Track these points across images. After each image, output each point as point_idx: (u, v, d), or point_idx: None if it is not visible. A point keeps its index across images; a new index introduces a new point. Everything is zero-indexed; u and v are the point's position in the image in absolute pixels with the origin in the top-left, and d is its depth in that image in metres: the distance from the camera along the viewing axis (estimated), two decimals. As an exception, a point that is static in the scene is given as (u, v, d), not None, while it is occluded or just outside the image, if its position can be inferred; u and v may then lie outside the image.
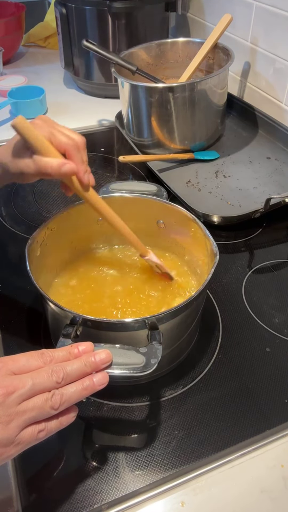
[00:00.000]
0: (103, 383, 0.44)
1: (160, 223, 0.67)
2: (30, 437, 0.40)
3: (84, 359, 0.43)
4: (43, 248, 0.60)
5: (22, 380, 0.40)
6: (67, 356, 0.44)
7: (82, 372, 0.43)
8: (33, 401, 0.40)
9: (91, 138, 1.13)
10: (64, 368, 0.42)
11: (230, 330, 0.66)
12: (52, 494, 0.49)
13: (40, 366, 0.42)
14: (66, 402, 0.41)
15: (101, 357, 0.44)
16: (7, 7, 1.52)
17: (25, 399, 0.40)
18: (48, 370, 0.41)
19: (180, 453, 0.52)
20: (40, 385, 0.40)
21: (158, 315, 0.49)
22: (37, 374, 0.41)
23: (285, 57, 1.00)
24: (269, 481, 0.50)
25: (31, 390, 0.40)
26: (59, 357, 0.43)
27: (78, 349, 0.44)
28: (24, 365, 0.42)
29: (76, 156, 0.53)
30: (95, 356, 0.44)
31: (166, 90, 0.93)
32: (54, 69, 1.45)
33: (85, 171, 0.54)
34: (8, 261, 0.77)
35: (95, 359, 0.44)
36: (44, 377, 0.41)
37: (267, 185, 0.93)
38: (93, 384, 0.43)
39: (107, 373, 0.44)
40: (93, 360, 0.43)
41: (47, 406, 0.40)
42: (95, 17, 1.14)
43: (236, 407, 0.56)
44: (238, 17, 1.09)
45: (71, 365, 0.42)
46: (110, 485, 0.49)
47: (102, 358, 0.44)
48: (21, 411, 0.39)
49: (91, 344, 0.45)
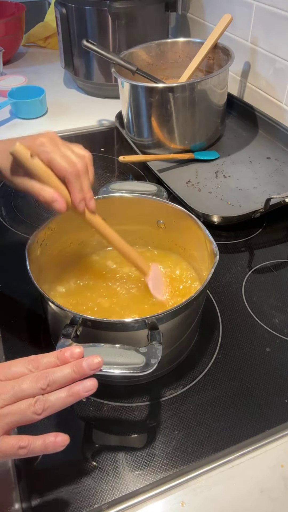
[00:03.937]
0: (90, 389, 0.42)
1: (160, 223, 0.67)
2: (10, 448, 0.39)
3: (73, 365, 0.42)
4: (43, 248, 0.60)
5: (6, 386, 0.40)
6: (55, 362, 0.43)
7: (70, 379, 0.42)
8: (16, 405, 0.40)
9: (91, 138, 1.13)
10: (50, 374, 0.41)
11: (230, 330, 0.66)
12: (52, 494, 0.49)
13: (25, 373, 0.42)
14: (49, 408, 0.41)
15: (89, 363, 0.42)
16: (7, 7, 1.52)
17: (8, 404, 0.40)
18: (34, 377, 0.41)
19: (180, 453, 0.52)
20: (24, 392, 0.40)
21: (158, 315, 0.49)
22: (22, 381, 0.41)
23: (285, 57, 1.00)
24: (269, 481, 0.50)
25: (14, 396, 0.40)
26: (47, 363, 0.43)
27: (68, 354, 0.43)
28: (10, 372, 0.41)
29: (74, 184, 0.52)
30: (84, 362, 0.42)
31: (166, 90, 0.93)
32: (54, 69, 1.45)
33: (81, 200, 0.53)
34: (8, 261, 0.77)
35: (84, 365, 0.42)
36: (28, 383, 0.40)
37: (267, 185, 0.92)
38: (79, 391, 0.41)
39: (96, 381, 0.42)
40: (82, 366, 0.42)
41: (29, 411, 0.40)
42: (95, 17, 1.14)
43: (236, 407, 0.56)
44: (238, 17, 1.09)
45: (59, 371, 0.42)
46: (110, 485, 0.49)
47: (91, 364, 0.42)
48: (3, 414, 0.39)
49: (81, 349, 0.44)
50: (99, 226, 0.58)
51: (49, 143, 0.52)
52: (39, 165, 0.50)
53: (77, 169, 0.52)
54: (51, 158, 0.51)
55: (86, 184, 0.54)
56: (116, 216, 0.67)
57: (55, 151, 0.52)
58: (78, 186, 0.52)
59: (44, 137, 0.53)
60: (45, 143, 0.52)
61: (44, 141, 0.52)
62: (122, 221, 0.68)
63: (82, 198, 0.53)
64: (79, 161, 0.53)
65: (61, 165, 0.51)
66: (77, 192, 0.53)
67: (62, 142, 0.54)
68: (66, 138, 1.20)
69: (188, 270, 0.68)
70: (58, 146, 0.52)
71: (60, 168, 0.51)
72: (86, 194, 0.54)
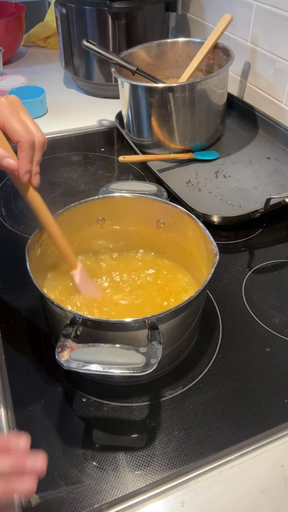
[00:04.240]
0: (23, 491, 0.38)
1: (160, 223, 0.67)
2: None
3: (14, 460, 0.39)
4: (43, 248, 0.60)
5: None
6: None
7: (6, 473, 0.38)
8: None
9: (91, 138, 1.13)
10: None
11: (230, 330, 0.66)
12: (52, 494, 0.49)
13: None
14: None
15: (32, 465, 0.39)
16: (7, 7, 1.52)
17: None
18: None
19: (180, 453, 0.52)
20: None
21: (158, 315, 0.49)
22: None
23: (285, 57, 1.00)
24: (269, 481, 0.50)
25: None
26: None
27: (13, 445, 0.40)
28: None
29: (26, 153, 0.50)
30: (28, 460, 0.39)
31: (166, 90, 0.93)
32: (54, 69, 1.45)
33: (27, 171, 0.51)
34: (8, 261, 0.77)
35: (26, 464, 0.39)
36: None
37: (267, 185, 0.93)
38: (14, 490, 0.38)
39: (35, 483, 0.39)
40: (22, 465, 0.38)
41: None
42: (95, 17, 1.14)
43: (236, 407, 0.56)
44: (238, 17, 1.09)
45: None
46: (110, 485, 0.49)
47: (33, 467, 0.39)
48: None
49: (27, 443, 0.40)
50: (36, 204, 0.55)
51: (8, 106, 0.49)
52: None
53: (33, 139, 0.50)
54: (7, 121, 0.49)
55: (38, 158, 0.51)
56: (116, 216, 0.67)
57: (14, 114, 0.49)
58: (29, 155, 0.50)
59: (6, 98, 0.50)
60: (5, 104, 0.49)
61: (4, 102, 0.49)
62: (122, 221, 0.68)
63: (29, 170, 0.51)
64: (37, 132, 0.50)
65: (16, 129, 0.49)
66: (26, 162, 0.50)
67: (25, 110, 0.51)
68: (66, 138, 1.21)
69: (188, 270, 0.68)
70: (18, 111, 0.50)
71: (15, 132, 0.49)
72: (34, 167, 0.52)
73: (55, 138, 1.12)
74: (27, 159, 0.50)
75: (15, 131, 0.49)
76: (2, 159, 0.49)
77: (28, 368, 0.61)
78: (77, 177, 0.99)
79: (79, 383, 0.59)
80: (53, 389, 0.58)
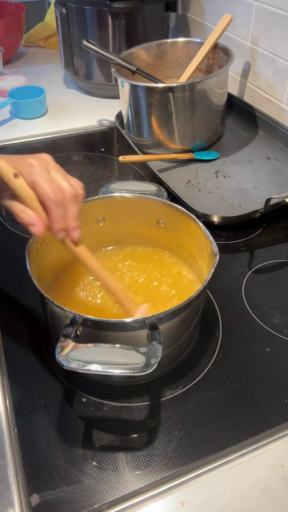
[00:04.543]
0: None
1: (160, 223, 0.67)
2: None
3: None
4: (43, 248, 0.60)
5: None
6: None
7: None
8: None
9: (91, 138, 1.13)
10: None
11: (230, 330, 0.66)
12: (52, 494, 0.49)
13: None
14: None
15: None
16: (7, 7, 1.52)
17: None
18: None
19: (180, 453, 0.52)
20: None
21: (158, 315, 0.49)
22: None
23: (285, 57, 1.00)
24: (269, 481, 0.50)
25: None
26: None
27: None
28: None
29: (53, 212, 0.49)
30: None
31: (166, 90, 0.93)
32: (54, 69, 1.45)
33: (61, 229, 0.50)
34: (8, 261, 0.77)
35: None
36: None
37: (267, 185, 0.93)
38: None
39: None
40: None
41: None
42: (95, 17, 1.14)
43: (236, 407, 0.56)
44: (238, 17, 1.09)
45: None
46: (110, 485, 0.49)
47: None
48: None
49: None
50: (83, 257, 0.54)
51: (38, 165, 0.49)
52: (22, 186, 0.48)
53: (61, 196, 0.49)
54: (35, 181, 0.48)
55: (73, 213, 0.50)
56: (116, 216, 0.67)
57: (41, 174, 0.48)
58: (58, 214, 0.49)
59: (35, 158, 0.49)
60: (34, 165, 0.48)
61: (34, 162, 0.49)
62: (122, 221, 0.68)
63: (63, 228, 0.50)
64: (68, 187, 0.50)
65: (43, 190, 0.48)
66: (57, 221, 0.49)
67: (56, 167, 0.50)
68: (66, 138, 1.21)
69: (188, 270, 0.68)
70: (48, 170, 0.49)
71: (41, 192, 0.48)
72: (69, 223, 0.50)
73: (55, 138, 1.12)
74: (56, 218, 0.49)
75: (41, 192, 0.48)
76: (28, 227, 0.49)
77: (28, 368, 0.61)
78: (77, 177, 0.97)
79: (79, 383, 0.59)
80: (53, 389, 0.58)
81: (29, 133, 1.13)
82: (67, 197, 0.49)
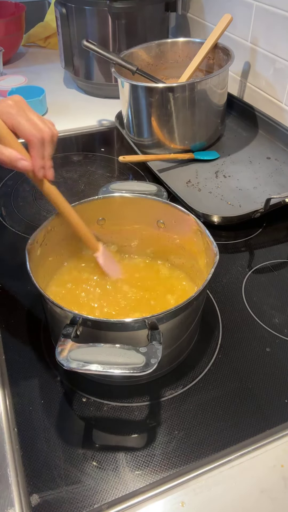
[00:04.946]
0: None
1: (160, 223, 0.67)
2: None
3: None
4: (43, 248, 0.60)
5: None
6: None
7: None
8: None
9: (91, 138, 1.13)
10: None
11: (230, 330, 0.66)
12: (52, 494, 0.49)
13: None
14: None
15: None
16: (7, 7, 1.52)
17: None
18: None
19: (180, 453, 0.52)
20: None
21: (158, 315, 0.49)
22: None
23: (285, 57, 1.00)
24: (269, 481, 0.50)
25: None
26: None
27: None
28: None
29: (37, 150, 0.52)
30: None
31: (166, 90, 0.93)
32: (54, 69, 1.45)
33: (41, 166, 0.53)
34: (8, 261, 0.77)
35: None
36: None
37: (267, 185, 0.93)
38: None
39: None
40: None
41: None
42: (95, 17, 1.14)
43: (236, 407, 0.56)
44: (238, 17, 1.09)
45: None
46: (110, 485, 0.49)
47: None
48: None
49: None
50: (53, 196, 0.58)
51: (15, 106, 0.51)
52: (2, 126, 0.49)
53: (42, 135, 0.51)
54: (16, 121, 0.50)
55: (48, 152, 0.53)
56: (116, 216, 0.67)
57: (21, 114, 0.51)
58: (41, 152, 0.52)
59: (11, 100, 0.52)
60: (12, 106, 0.51)
61: (11, 103, 0.51)
62: (122, 221, 0.68)
63: (43, 165, 0.53)
64: (45, 127, 0.52)
65: (25, 128, 0.50)
66: (39, 158, 0.52)
67: (29, 108, 0.53)
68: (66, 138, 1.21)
69: (187, 270, 0.68)
70: (24, 110, 0.52)
71: (24, 130, 0.50)
72: (46, 162, 0.53)
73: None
74: (39, 156, 0.52)
75: (24, 130, 0.50)
76: (17, 162, 0.50)
77: (28, 368, 0.61)
78: (77, 177, 0.99)
79: (79, 383, 0.59)
80: (53, 389, 0.58)
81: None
82: (46, 137, 0.52)
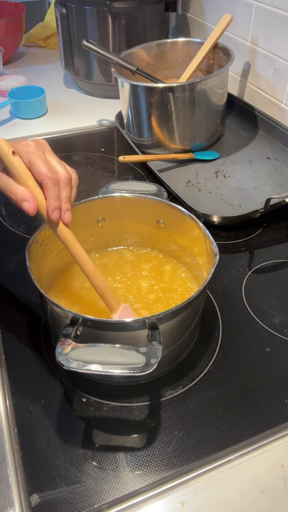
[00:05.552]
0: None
1: (160, 223, 0.67)
2: None
3: None
4: (43, 248, 0.60)
5: None
6: None
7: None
8: None
9: (91, 138, 1.13)
10: None
11: (230, 330, 0.66)
12: (52, 494, 0.49)
13: None
14: None
15: None
16: (7, 7, 1.52)
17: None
18: None
19: (180, 453, 0.52)
20: None
21: (158, 315, 0.49)
22: None
23: (285, 57, 1.00)
24: (269, 481, 0.50)
25: None
26: None
27: None
28: None
29: (50, 190, 0.50)
30: None
31: (166, 90, 0.93)
32: (54, 69, 1.45)
33: (55, 208, 0.51)
34: (8, 261, 0.77)
35: None
36: None
37: (267, 185, 0.93)
38: None
39: None
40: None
41: None
42: (95, 17, 1.14)
43: (236, 407, 0.56)
44: (238, 17, 1.09)
45: None
46: (110, 485, 0.49)
47: None
48: None
49: None
50: (69, 243, 0.54)
51: (34, 147, 0.50)
52: (19, 163, 0.49)
53: (58, 177, 0.50)
54: (32, 160, 0.49)
55: (66, 195, 0.52)
56: (116, 216, 0.68)
57: (39, 155, 0.50)
58: (55, 193, 0.50)
59: (33, 141, 0.51)
60: (30, 145, 0.50)
61: (31, 144, 0.51)
62: (122, 221, 0.68)
63: (57, 207, 0.51)
64: (63, 171, 0.51)
65: (40, 168, 0.49)
66: (53, 199, 0.50)
67: (51, 151, 0.52)
68: (66, 138, 1.21)
69: (188, 270, 0.68)
70: (44, 152, 0.51)
71: (38, 171, 0.49)
72: (63, 204, 0.51)
73: (55, 138, 1.12)
74: (53, 197, 0.50)
75: (39, 171, 0.50)
76: (21, 203, 0.49)
77: (28, 368, 0.61)
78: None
79: (79, 383, 0.59)
80: (53, 389, 0.58)
81: (29, 133, 1.13)
82: (62, 179, 0.51)
